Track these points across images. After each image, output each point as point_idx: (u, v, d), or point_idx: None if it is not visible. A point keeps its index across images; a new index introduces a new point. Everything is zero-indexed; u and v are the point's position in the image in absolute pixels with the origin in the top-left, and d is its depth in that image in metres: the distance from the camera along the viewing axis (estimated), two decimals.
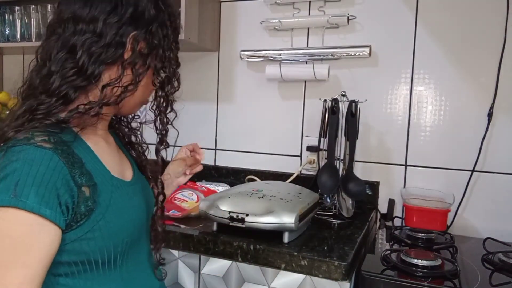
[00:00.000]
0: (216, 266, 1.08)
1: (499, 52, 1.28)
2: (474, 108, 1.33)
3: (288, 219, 0.99)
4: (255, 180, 1.55)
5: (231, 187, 1.34)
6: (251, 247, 1.01)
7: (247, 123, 1.62)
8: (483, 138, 1.30)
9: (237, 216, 1.03)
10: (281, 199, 1.09)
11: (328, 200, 1.32)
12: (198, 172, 1.11)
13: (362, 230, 1.18)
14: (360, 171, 1.43)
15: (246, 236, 1.04)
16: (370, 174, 1.44)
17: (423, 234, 1.19)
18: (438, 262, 0.98)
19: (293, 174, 1.50)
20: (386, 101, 1.42)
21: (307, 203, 1.11)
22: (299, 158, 1.54)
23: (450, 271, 0.95)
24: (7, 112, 1.83)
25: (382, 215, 1.41)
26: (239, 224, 1.02)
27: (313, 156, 1.47)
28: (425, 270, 0.95)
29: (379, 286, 0.93)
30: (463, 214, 1.35)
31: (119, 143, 0.86)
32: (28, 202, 0.57)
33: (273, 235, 1.03)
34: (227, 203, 1.07)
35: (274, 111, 1.57)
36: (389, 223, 1.37)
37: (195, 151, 1.11)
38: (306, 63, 1.48)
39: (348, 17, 1.41)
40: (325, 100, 1.32)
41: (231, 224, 1.03)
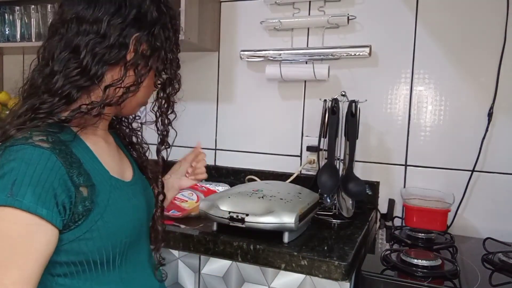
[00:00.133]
0: (216, 266, 1.08)
1: (499, 52, 1.28)
2: (474, 108, 1.33)
3: (288, 219, 0.99)
4: (255, 180, 1.55)
5: (231, 187, 1.34)
6: (251, 247, 1.01)
7: (247, 123, 1.62)
8: (483, 138, 1.30)
9: (237, 216, 1.03)
10: (281, 199, 1.09)
11: (328, 200, 1.32)
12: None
13: (362, 230, 1.18)
14: (360, 171, 1.43)
15: (246, 236, 1.04)
16: (370, 174, 1.44)
17: (423, 234, 1.19)
18: (438, 262, 0.98)
19: (293, 174, 1.50)
20: (386, 101, 1.42)
21: (307, 203, 1.11)
22: (299, 158, 1.54)
23: (450, 271, 0.95)
24: (7, 112, 1.83)
25: (382, 215, 1.41)
26: (239, 224, 1.02)
27: (313, 156, 1.47)
28: (425, 270, 0.95)
29: (379, 286, 0.93)
30: (463, 214, 1.35)
31: (119, 144, 0.86)
32: (24, 202, 0.57)
33: (273, 235, 1.03)
34: (227, 203, 1.07)
35: (274, 111, 1.57)
36: (389, 223, 1.37)
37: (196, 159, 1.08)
38: (306, 63, 1.48)
39: (348, 17, 1.41)
40: (325, 100, 1.32)
41: (231, 224, 1.03)
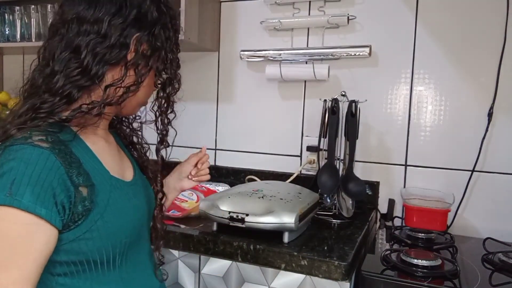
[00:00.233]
0: (216, 266, 1.08)
1: (499, 52, 1.28)
2: (474, 108, 1.33)
3: (288, 219, 0.99)
4: (255, 180, 1.55)
5: (231, 187, 1.34)
6: (251, 247, 1.01)
7: (247, 123, 1.62)
8: (483, 138, 1.30)
9: (237, 216, 1.03)
10: (281, 199, 1.09)
11: (328, 200, 1.32)
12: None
13: (362, 230, 1.18)
14: (360, 171, 1.43)
15: (246, 236, 1.04)
16: (370, 174, 1.44)
17: (423, 234, 1.19)
18: (438, 262, 0.98)
19: (293, 174, 1.50)
20: (386, 101, 1.42)
21: (307, 203, 1.11)
22: (299, 158, 1.54)
23: (450, 271, 0.95)
24: (7, 112, 1.83)
25: (382, 215, 1.41)
26: (239, 224, 1.02)
27: (313, 156, 1.47)
28: (425, 270, 0.95)
29: (379, 286, 0.93)
30: (463, 214, 1.34)
31: (120, 143, 0.87)
32: (23, 201, 0.57)
33: (273, 235, 1.03)
34: (227, 203, 1.07)
35: (274, 111, 1.57)
36: (389, 223, 1.37)
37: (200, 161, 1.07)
38: (306, 63, 1.48)
39: (348, 17, 1.41)
40: (325, 100, 1.32)
41: (231, 224, 1.03)
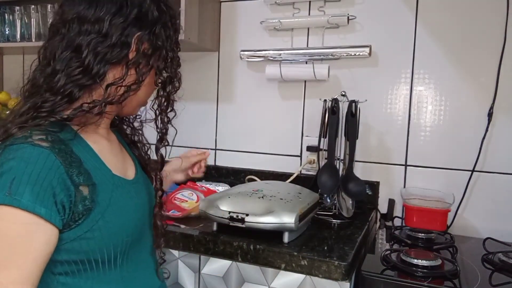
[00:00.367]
0: (216, 266, 1.08)
1: (499, 52, 1.28)
2: (474, 108, 1.33)
3: (288, 219, 0.99)
4: (255, 180, 1.55)
5: (231, 187, 1.34)
6: (251, 247, 1.01)
7: (247, 123, 1.62)
8: (483, 138, 1.30)
9: (237, 216, 1.03)
10: (281, 199, 1.09)
11: (328, 200, 1.32)
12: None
13: (362, 230, 1.18)
14: (360, 171, 1.43)
15: (246, 236, 1.04)
16: (370, 174, 1.44)
17: (423, 234, 1.19)
18: (438, 262, 0.98)
19: (293, 174, 1.50)
20: (386, 101, 1.42)
21: (307, 203, 1.11)
22: (299, 158, 1.54)
23: (450, 271, 0.95)
24: (7, 112, 1.83)
25: (382, 215, 1.41)
26: (239, 224, 1.02)
27: (313, 156, 1.47)
28: (425, 270, 0.95)
29: (379, 286, 0.93)
30: (463, 214, 1.34)
31: (122, 142, 0.87)
32: (22, 201, 0.57)
33: (273, 235, 1.03)
34: (227, 203, 1.07)
35: (274, 111, 1.57)
36: (389, 223, 1.37)
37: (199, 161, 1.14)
38: (306, 63, 1.48)
39: (348, 17, 1.41)
40: (325, 100, 1.32)
41: (231, 224, 1.03)
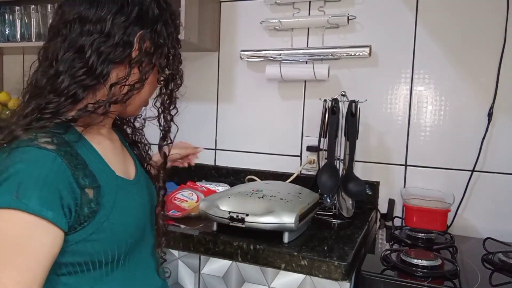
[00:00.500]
0: (216, 266, 1.08)
1: (499, 52, 1.28)
2: (474, 108, 1.33)
3: (288, 219, 0.99)
4: (255, 180, 1.55)
5: (231, 187, 1.34)
6: (251, 247, 1.01)
7: (247, 123, 1.62)
8: (483, 138, 1.30)
9: (237, 216, 1.03)
10: (281, 199, 1.09)
11: (328, 200, 1.32)
12: (198, 172, 1.13)
13: (362, 230, 1.18)
14: (360, 171, 1.43)
15: (246, 236, 1.04)
16: (370, 174, 1.44)
17: (423, 234, 1.19)
18: (438, 262, 0.98)
19: (293, 174, 1.50)
20: (386, 101, 1.42)
21: (307, 203, 1.11)
22: (299, 158, 1.54)
23: (450, 271, 0.95)
24: (7, 112, 1.82)
25: (382, 215, 1.41)
26: (239, 224, 1.02)
27: (313, 156, 1.47)
28: (425, 270, 0.95)
29: (379, 286, 0.93)
30: (463, 214, 1.34)
31: (123, 141, 0.87)
32: (30, 204, 0.57)
33: (273, 235, 1.03)
34: (227, 203, 1.07)
35: (274, 111, 1.57)
36: (389, 223, 1.37)
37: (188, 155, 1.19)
38: (306, 63, 1.48)
39: (348, 17, 1.41)
40: (325, 100, 1.32)
41: (231, 224, 1.03)
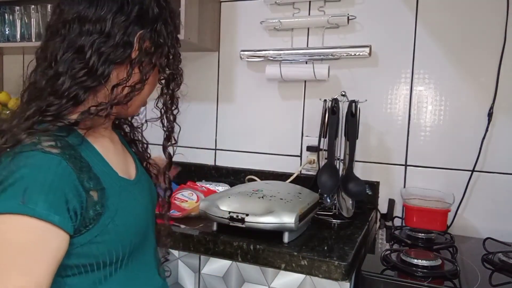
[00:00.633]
0: (216, 266, 1.08)
1: (499, 52, 1.28)
2: (474, 108, 1.33)
3: (288, 219, 0.99)
4: (255, 180, 1.55)
5: (231, 187, 1.34)
6: (251, 247, 1.01)
7: (247, 123, 1.62)
8: (483, 138, 1.30)
9: (237, 216, 1.03)
10: (281, 199, 1.09)
11: (328, 200, 1.32)
12: (198, 172, 1.11)
13: (362, 230, 1.18)
14: (360, 171, 1.43)
15: (246, 236, 1.04)
16: (370, 174, 1.44)
17: (423, 234, 1.19)
18: (438, 262, 0.98)
19: (293, 174, 1.50)
20: (386, 101, 1.42)
21: (307, 203, 1.11)
22: (299, 158, 1.54)
23: (450, 271, 0.95)
24: (7, 112, 1.82)
25: (382, 215, 1.41)
26: (239, 224, 1.02)
27: (313, 156, 1.47)
28: (425, 270, 0.95)
29: (379, 286, 0.93)
30: (463, 214, 1.34)
31: (123, 141, 0.87)
32: (37, 209, 0.56)
33: (273, 235, 1.03)
34: (227, 203, 1.07)
35: (274, 111, 1.57)
36: (389, 223, 1.37)
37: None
38: (306, 63, 1.48)
39: (348, 17, 1.41)
40: (325, 100, 1.32)
41: (231, 224, 1.03)
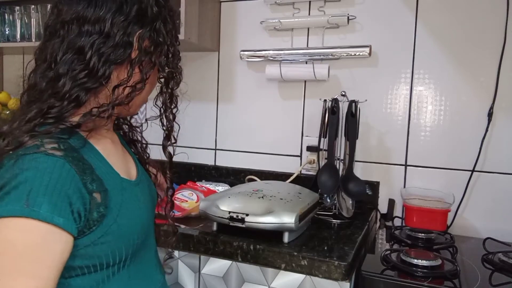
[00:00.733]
0: (216, 266, 1.08)
1: (499, 52, 1.28)
2: (474, 108, 1.33)
3: (288, 219, 0.99)
4: (255, 180, 1.55)
5: (231, 187, 1.34)
6: (251, 247, 1.01)
7: (247, 123, 1.62)
8: (483, 138, 1.30)
9: (237, 216, 1.03)
10: (281, 199, 1.09)
11: (328, 200, 1.32)
12: (198, 172, 1.10)
13: (362, 230, 1.18)
14: (360, 171, 1.43)
15: (246, 236, 1.04)
16: (370, 174, 1.44)
17: (423, 234, 1.19)
18: (438, 262, 0.98)
19: (293, 174, 1.50)
20: (386, 101, 1.42)
21: (307, 203, 1.11)
22: (299, 158, 1.54)
23: (450, 271, 0.95)
24: (7, 112, 1.82)
25: (382, 215, 1.41)
26: (239, 224, 1.02)
27: (313, 156, 1.47)
28: (425, 270, 0.95)
29: (379, 286, 0.93)
30: (463, 214, 1.34)
31: (123, 142, 0.87)
32: (41, 212, 0.56)
33: (273, 235, 1.03)
34: (227, 203, 1.07)
35: (274, 111, 1.57)
36: (389, 223, 1.37)
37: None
38: (306, 63, 1.48)
39: (348, 17, 1.41)
40: (325, 100, 1.32)
41: (231, 224, 1.03)
